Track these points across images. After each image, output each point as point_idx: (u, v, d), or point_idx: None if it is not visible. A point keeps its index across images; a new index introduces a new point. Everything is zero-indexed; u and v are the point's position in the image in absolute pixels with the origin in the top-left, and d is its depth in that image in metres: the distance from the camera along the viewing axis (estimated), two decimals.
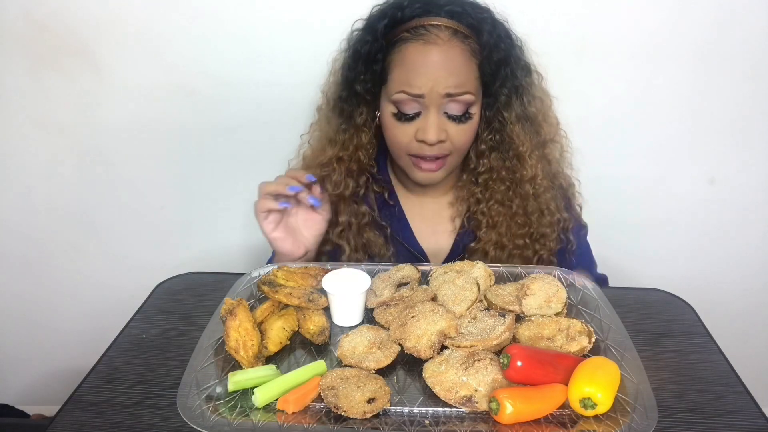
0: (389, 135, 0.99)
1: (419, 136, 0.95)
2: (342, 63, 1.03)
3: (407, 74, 0.92)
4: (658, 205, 1.36)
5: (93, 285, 1.49)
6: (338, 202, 1.05)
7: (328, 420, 0.66)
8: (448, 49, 0.92)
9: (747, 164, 1.32)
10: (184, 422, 0.64)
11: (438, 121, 0.94)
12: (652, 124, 1.28)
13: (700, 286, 1.13)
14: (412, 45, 0.93)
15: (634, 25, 1.18)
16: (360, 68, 0.98)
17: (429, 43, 0.92)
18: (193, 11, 1.18)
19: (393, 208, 1.09)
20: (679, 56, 1.21)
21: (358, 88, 0.99)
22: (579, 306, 0.84)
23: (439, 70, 0.91)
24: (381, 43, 0.95)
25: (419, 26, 0.93)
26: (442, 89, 0.91)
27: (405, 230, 1.09)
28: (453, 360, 0.72)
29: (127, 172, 1.36)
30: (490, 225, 1.04)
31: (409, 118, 0.95)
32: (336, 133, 1.04)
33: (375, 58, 0.96)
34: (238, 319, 0.75)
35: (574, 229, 1.08)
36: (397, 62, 0.94)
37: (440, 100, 0.92)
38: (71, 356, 1.57)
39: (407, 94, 0.93)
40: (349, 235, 1.06)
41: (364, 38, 0.97)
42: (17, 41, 1.21)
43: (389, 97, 0.96)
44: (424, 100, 0.93)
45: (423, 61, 0.92)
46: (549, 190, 1.04)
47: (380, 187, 1.08)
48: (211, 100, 1.27)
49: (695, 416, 0.69)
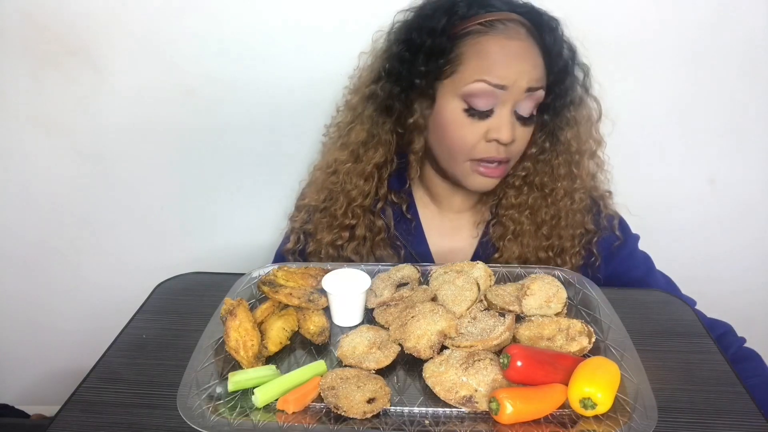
0: (453, 135, 0.92)
1: (492, 135, 0.90)
2: (384, 57, 0.97)
3: (488, 65, 0.87)
4: (657, 205, 1.36)
5: (93, 285, 1.49)
6: (361, 214, 1.02)
7: (328, 420, 0.66)
8: (527, 45, 0.89)
9: (747, 164, 1.32)
10: (184, 422, 0.64)
11: (512, 119, 0.90)
12: (651, 123, 1.28)
13: (700, 286, 1.13)
14: (491, 37, 0.88)
15: (631, 25, 1.18)
16: (420, 60, 0.91)
17: (510, 37, 0.88)
18: (193, 11, 1.18)
19: (410, 223, 1.05)
20: (678, 55, 1.21)
21: (417, 81, 0.92)
22: (579, 306, 0.84)
23: (523, 63, 0.88)
24: (449, 34, 0.89)
25: (495, 20, 0.89)
26: (525, 82, 0.88)
27: (421, 245, 1.05)
28: (453, 360, 0.72)
29: (127, 172, 1.36)
30: (515, 233, 1.00)
31: (481, 115, 0.89)
32: (382, 136, 0.98)
33: (442, 48, 0.89)
34: (238, 319, 0.75)
35: (600, 242, 1.03)
36: (472, 53, 0.88)
37: (520, 94, 0.88)
38: (71, 356, 1.56)
39: (488, 83, 0.87)
40: (363, 250, 1.03)
41: (427, 27, 0.91)
42: (17, 41, 1.21)
43: (459, 91, 0.89)
44: (504, 93, 0.88)
45: (506, 53, 0.87)
46: (584, 202, 1.00)
47: (399, 198, 1.04)
48: (211, 100, 1.26)
49: (695, 416, 0.69)
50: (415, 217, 1.06)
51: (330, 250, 1.04)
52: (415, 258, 1.05)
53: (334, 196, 1.04)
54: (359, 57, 1.05)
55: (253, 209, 1.38)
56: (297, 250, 1.09)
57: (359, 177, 1.01)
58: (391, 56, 0.96)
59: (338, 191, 1.03)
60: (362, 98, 1.00)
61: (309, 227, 1.07)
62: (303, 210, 1.09)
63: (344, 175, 1.02)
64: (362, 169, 1.00)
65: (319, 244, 1.05)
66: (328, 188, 1.04)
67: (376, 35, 1.03)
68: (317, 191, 1.06)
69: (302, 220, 1.08)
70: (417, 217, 1.06)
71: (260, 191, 1.36)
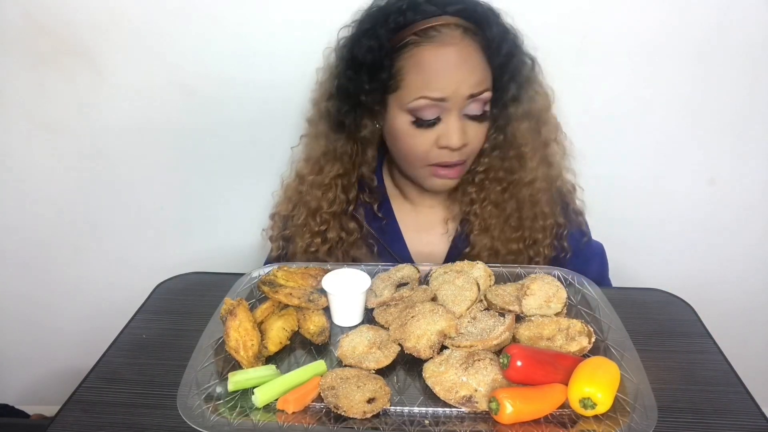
0: (404, 145, 0.94)
1: (442, 143, 0.91)
2: (334, 73, 0.98)
3: (426, 78, 0.88)
4: (657, 205, 1.36)
5: (93, 285, 1.49)
6: (330, 219, 1.03)
7: (328, 420, 0.66)
8: (463, 48, 0.88)
9: (747, 164, 1.32)
10: (184, 422, 0.64)
11: (460, 124, 0.91)
12: (652, 123, 1.28)
13: (700, 286, 1.13)
14: (426, 48, 0.88)
15: (633, 25, 1.18)
16: (363, 77, 0.92)
17: (445, 44, 0.88)
18: (193, 11, 1.18)
19: (381, 222, 1.06)
20: (679, 56, 1.21)
21: (364, 98, 0.93)
22: (579, 306, 0.84)
23: (460, 71, 0.88)
24: (387, 49, 0.90)
25: (428, 28, 0.88)
26: (465, 90, 0.88)
27: (397, 242, 1.06)
28: (453, 360, 0.72)
29: (127, 171, 1.36)
30: (482, 228, 1.01)
31: (429, 125, 0.90)
32: (337, 150, 1.00)
33: (382, 65, 0.90)
34: (238, 319, 0.75)
35: (570, 236, 1.04)
36: (410, 67, 0.89)
37: (462, 102, 0.89)
38: (71, 356, 1.57)
39: (428, 99, 0.88)
40: (338, 252, 1.04)
41: (365, 45, 0.91)
42: (17, 41, 1.21)
43: (404, 106, 0.90)
44: (446, 104, 0.89)
45: (442, 63, 0.87)
46: (546, 193, 1.01)
47: (372, 198, 1.05)
48: (211, 100, 1.26)
49: (695, 416, 0.69)
50: (390, 214, 1.07)
51: (305, 256, 1.06)
52: (391, 255, 1.06)
53: (302, 206, 1.06)
54: (316, 72, 1.06)
55: (253, 209, 1.37)
56: (281, 256, 1.11)
57: (321, 188, 1.03)
58: (338, 74, 0.97)
59: (305, 201, 1.05)
60: (318, 114, 1.03)
61: (286, 233, 1.09)
62: (276, 219, 1.12)
63: (308, 186, 1.04)
64: (322, 180, 1.03)
65: (296, 248, 1.07)
66: (297, 198, 1.07)
67: (326, 51, 1.02)
68: (287, 201, 1.10)
69: (278, 228, 1.11)
70: (392, 214, 1.08)
71: (260, 191, 1.35)
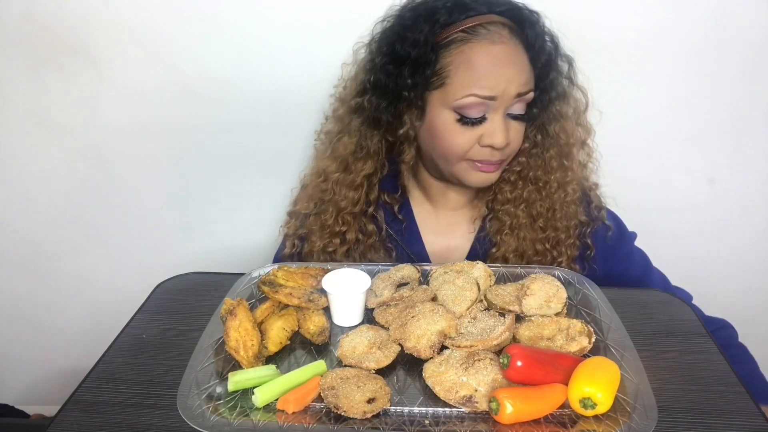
0: (445, 143, 0.92)
1: (486, 141, 0.90)
2: (368, 68, 0.96)
3: (476, 76, 0.87)
4: (657, 205, 1.36)
5: (93, 285, 1.49)
6: (351, 220, 1.02)
7: (328, 420, 0.66)
8: (512, 48, 0.88)
9: (746, 164, 1.32)
10: (184, 422, 0.64)
11: (504, 124, 0.90)
12: (651, 123, 1.28)
13: (700, 286, 1.13)
14: (476, 45, 0.87)
15: (631, 24, 1.18)
16: (405, 73, 0.90)
17: (494, 42, 0.87)
18: (193, 11, 1.18)
19: (401, 224, 1.05)
20: (677, 55, 1.21)
21: (407, 95, 0.91)
22: (579, 306, 0.84)
23: (509, 70, 0.87)
24: (432, 44, 0.88)
25: (477, 25, 0.87)
26: (513, 90, 0.88)
27: (416, 244, 1.05)
28: (453, 360, 0.72)
29: (127, 171, 1.36)
30: (512, 227, 1.00)
31: (473, 123, 0.89)
32: (371, 148, 0.98)
33: (427, 60, 0.88)
34: (238, 319, 0.75)
35: (594, 234, 1.03)
36: (459, 64, 0.88)
37: (509, 101, 0.89)
38: (71, 356, 1.56)
39: (477, 96, 0.87)
40: (355, 254, 1.04)
41: (410, 39, 0.89)
42: (17, 41, 1.21)
43: (449, 103, 0.89)
44: (494, 102, 0.88)
45: (492, 61, 0.87)
46: (577, 193, 1.00)
47: (392, 199, 1.04)
48: (211, 100, 1.26)
49: (695, 416, 0.69)
50: (410, 216, 1.06)
51: (322, 256, 1.05)
52: (410, 257, 1.05)
53: (324, 205, 1.05)
54: (342, 67, 1.05)
55: (253, 209, 1.38)
56: (294, 253, 1.10)
57: (349, 187, 1.01)
58: (375, 68, 0.95)
59: (328, 200, 1.04)
60: (349, 110, 1.00)
61: (302, 231, 1.08)
62: (294, 217, 1.11)
63: (334, 184, 1.02)
64: (352, 180, 1.01)
65: (312, 247, 1.06)
66: (318, 197, 1.05)
67: (356, 46, 1.02)
68: (308, 199, 1.07)
69: (295, 227, 1.10)
70: (412, 216, 1.07)
71: (260, 191, 1.36)
